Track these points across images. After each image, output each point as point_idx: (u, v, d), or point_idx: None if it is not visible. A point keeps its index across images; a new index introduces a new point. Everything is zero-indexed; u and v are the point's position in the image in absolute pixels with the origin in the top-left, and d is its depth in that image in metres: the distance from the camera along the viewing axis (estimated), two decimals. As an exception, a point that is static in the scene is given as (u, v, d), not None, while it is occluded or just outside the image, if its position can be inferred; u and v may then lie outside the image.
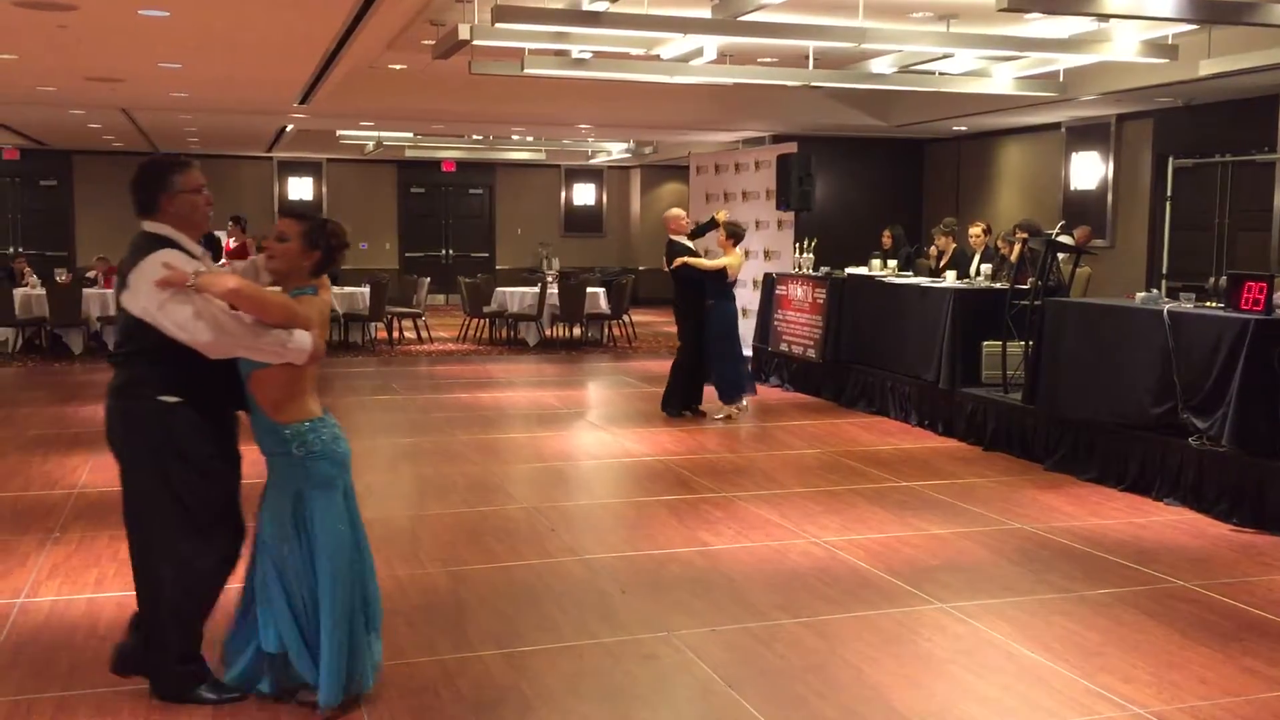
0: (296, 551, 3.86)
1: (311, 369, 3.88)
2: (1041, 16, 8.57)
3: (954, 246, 11.11)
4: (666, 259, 9.77)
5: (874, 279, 10.66)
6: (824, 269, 11.42)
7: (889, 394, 10.06)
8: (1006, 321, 8.71)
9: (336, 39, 8.55)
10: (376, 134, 17.48)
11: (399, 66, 11.57)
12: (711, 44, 8.99)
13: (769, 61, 11.03)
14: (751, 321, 12.66)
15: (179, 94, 11.93)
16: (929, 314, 9.43)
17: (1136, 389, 7.25)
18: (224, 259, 15.72)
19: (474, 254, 22.88)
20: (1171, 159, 11.97)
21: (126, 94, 12.01)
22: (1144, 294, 7.84)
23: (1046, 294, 8.44)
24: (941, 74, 10.24)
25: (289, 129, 16.39)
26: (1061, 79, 10.24)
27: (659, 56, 9.17)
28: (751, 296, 13.38)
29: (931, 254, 11.42)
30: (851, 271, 11.10)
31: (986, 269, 9.98)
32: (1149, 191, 12.22)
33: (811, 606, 5.06)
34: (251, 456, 4.02)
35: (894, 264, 11.16)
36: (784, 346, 11.71)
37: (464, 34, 7.91)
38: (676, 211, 10.12)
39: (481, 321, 15.73)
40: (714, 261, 9.72)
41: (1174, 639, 4.70)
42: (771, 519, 6.55)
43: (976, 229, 10.90)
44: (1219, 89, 10.19)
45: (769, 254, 13.80)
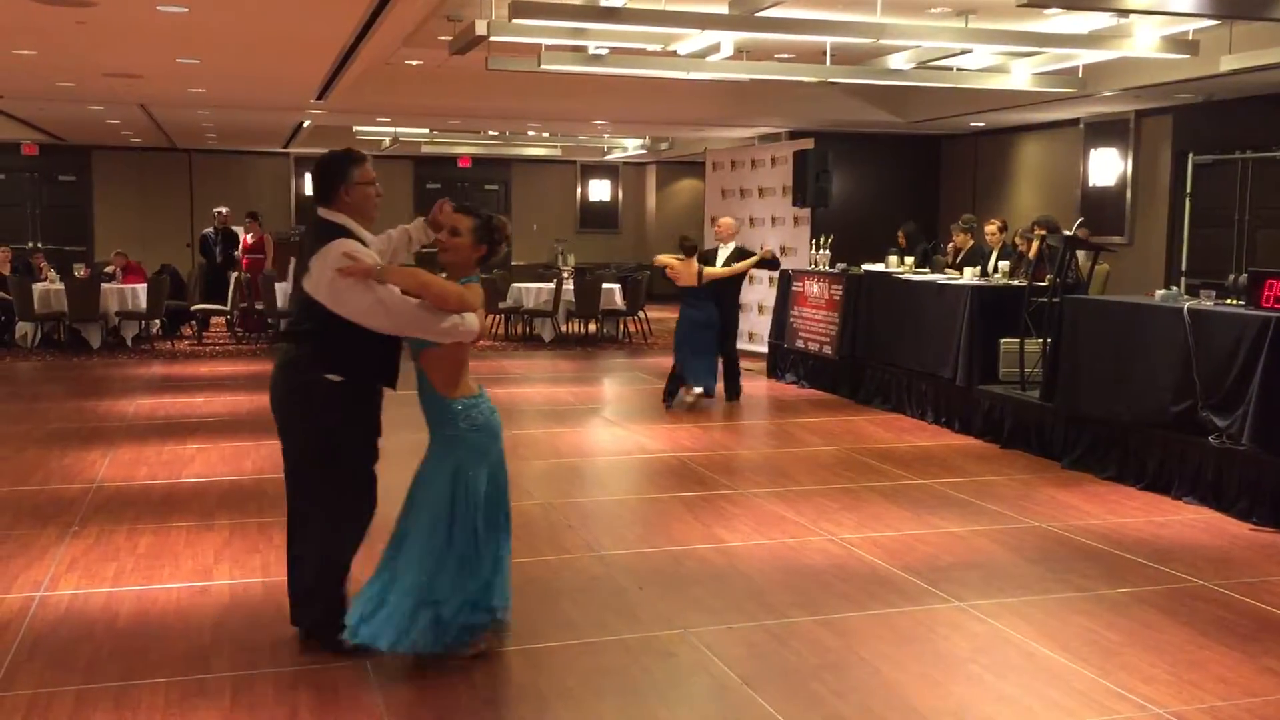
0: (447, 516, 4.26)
1: (469, 350, 4.30)
2: (1061, 12, 8.52)
3: (971, 243, 11.07)
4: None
5: (891, 276, 10.63)
6: (840, 265, 11.39)
7: (905, 391, 10.03)
8: (1024, 319, 8.67)
9: (354, 35, 8.57)
10: (393, 130, 17.52)
11: (416, 62, 11.59)
12: (728, 40, 8.97)
13: (786, 57, 11.01)
14: (762, 318, 12.64)
15: (197, 90, 11.97)
16: (946, 311, 9.40)
17: (1156, 387, 7.21)
18: (240, 253, 15.82)
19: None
20: (1191, 155, 11.91)
21: (145, 90, 12.06)
22: (1163, 291, 7.79)
23: (1065, 291, 8.40)
24: (959, 70, 10.20)
25: (306, 125, 16.44)
26: (1081, 75, 10.17)
27: (676, 52, 9.16)
28: (768, 293, 13.36)
29: (950, 251, 11.38)
30: (868, 268, 11.07)
31: (1004, 266, 9.94)
32: (1168, 188, 12.14)
33: (828, 604, 5.05)
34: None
35: (911, 260, 11.13)
36: (800, 343, 11.69)
37: (481, 30, 7.91)
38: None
39: (497, 317, 15.74)
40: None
41: (1193, 639, 4.68)
42: (788, 516, 6.54)
43: (992, 226, 10.86)
44: (1239, 85, 10.12)
45: (785, 250, 13.76)
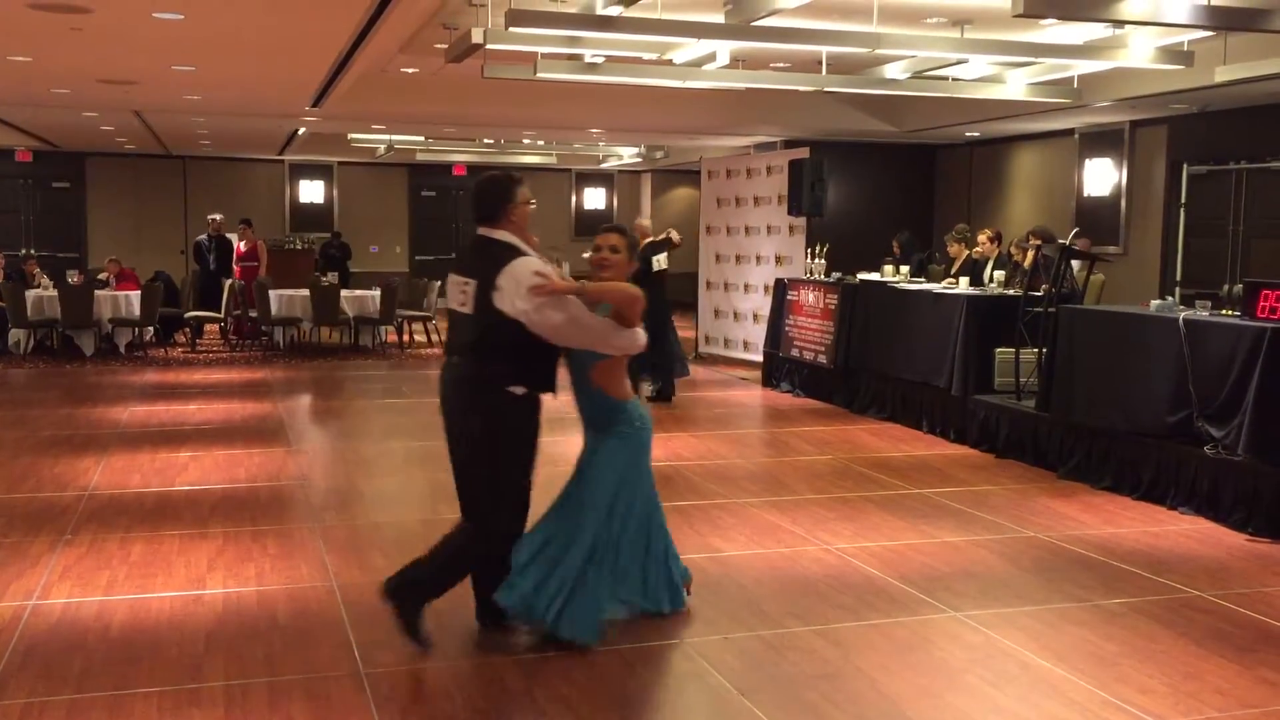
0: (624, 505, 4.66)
1: None
2: (1056, 22, 8.55)
3: (966, 253, 11.07)
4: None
5: (886, 285, 10.63)
6: (836, 274, 11.39)
7: (901, 400, 10.02)
8: (1020, 328, 8.67)
9: (349, 42, 8.57)
10: (388, 137, 17.52)
11: (411, 70, 11.59)
12: (724, 49, 8.99)
13: (782, 66, 11.03)
14: (757, 327, 12.67)
15: (192, 97, 11.96)
16: (941, 320, 9.39)
17: (1151, 397, 7.21)
18: (235, 262, 15.79)
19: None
20: (1186, 166, 11.94)
21: (139, 96, 12.05)
22: (1159, 301, 7.80)
23: (1060, 301, 8.41)
24: (955, 79, 10.22)
25: (301, 132, 16.43)
26: (1076, 85, 10.20)
27: (672, 61, 9.18)
28: (763, 302, 13.35)
29: (959, 259, 11.32)
30: (863, 277, 11.07)
31: (1000, 275, 9.95)
32: (1163, 198, 12.17)
33: (824, 614, 5.03)
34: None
35: (906, 270, 11.13)
36: (795, 352, 11.68)
37: (477, 38, 7.92)
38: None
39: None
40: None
41: (1190, 649, 4.66)
42: (784, 525, 6.52)
43: (983, 235, 10.87)
44: (1234, 95, 10.15)
45: (780, 259, 13.76)
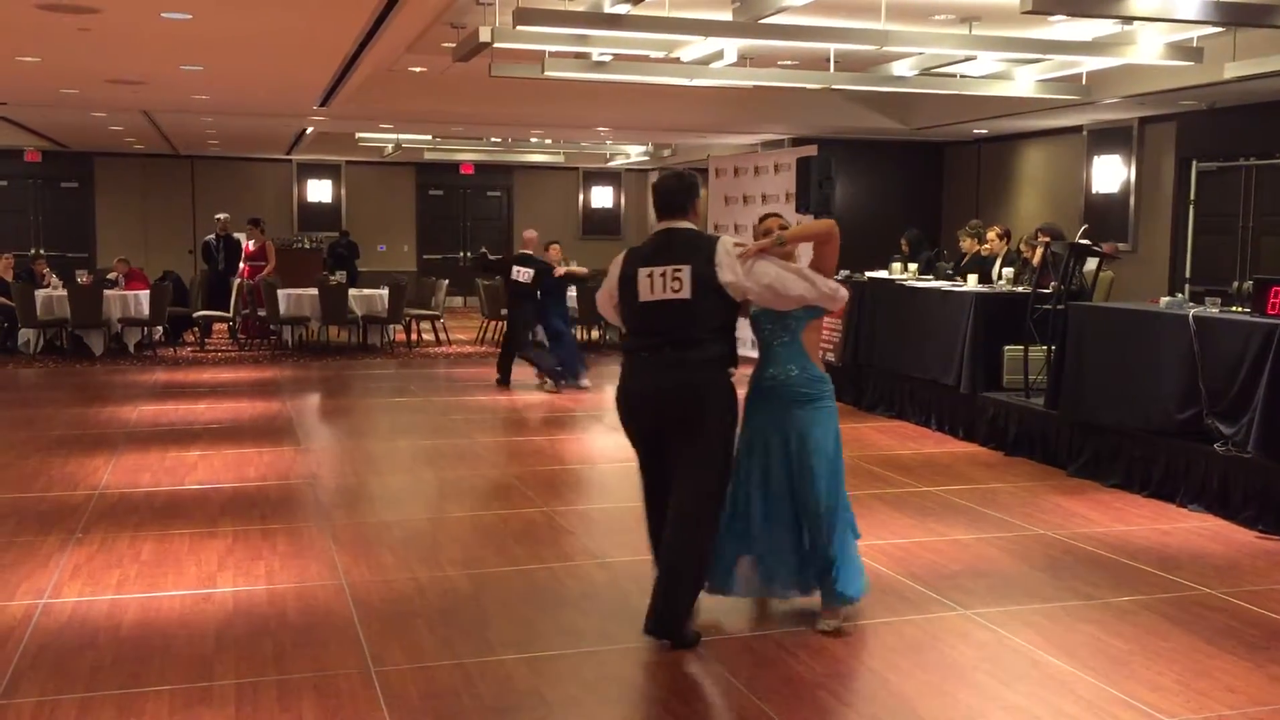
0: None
1: None
2: (1065, 19, 8.52)
3: (977, 249, 11.04)
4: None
5: (894, 283, 10.61)
6: (844, 272, 11.36)
7: (909, 398, 10.01)
8: (1028, 326, 8.65)
9: (357, 42, 8.57)
10: (395, 136, 17.53)
11: (419, 69, 11.59)
12: (732, 47, 8.98)
13: (789, 64, 11.01)
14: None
15: (200, 96, 11.97)
16: (950, 318, 9.38)
17: (1161, 394, 7.19)
18: (243, 261, 15.81)
19: (492, 256, 22.86)
20: (1195, 162, 11.89)
21: (148, 96, 12.07)
22: (1168, 298, 7.78)
23: (1069, 298, 8.39)
24: (963, 76, 10.19)
25: (309, 131, 16.44)
26: (1084, 82, 10.17)
27: (679, 59, 9.17)
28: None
29: (969, 252, 11.28)
30: (872, 275, 11.05)
31: (1008, 273, 9.92)
32: (1172, 195, 12.12)
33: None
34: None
35: (914, 267, 11.10)
36: (803, 350, 11.64)
37: (485, 36, 7.91)
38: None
39: (500, 323, 15.72)
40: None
41: (1201, 647, 4.65)
42: (792, 523, 6.50)
43: (992, 233, 10.84)
44: (1243, 92, 10.11)
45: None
